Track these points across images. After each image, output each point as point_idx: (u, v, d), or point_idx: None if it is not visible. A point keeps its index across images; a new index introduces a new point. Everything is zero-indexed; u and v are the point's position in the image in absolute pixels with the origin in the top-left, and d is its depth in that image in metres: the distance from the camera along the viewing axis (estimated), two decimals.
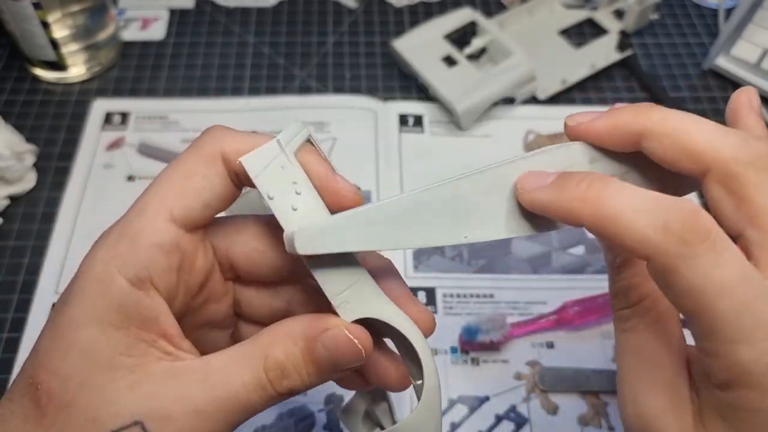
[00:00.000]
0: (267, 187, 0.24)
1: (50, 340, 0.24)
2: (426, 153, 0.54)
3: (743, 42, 0.58)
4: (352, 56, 0.60)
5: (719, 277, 0.20)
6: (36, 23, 0.52)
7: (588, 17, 0.62)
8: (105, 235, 0.25)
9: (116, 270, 0.24)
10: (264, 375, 0.24)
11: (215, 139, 0.26)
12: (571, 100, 0.58)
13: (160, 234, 0.24)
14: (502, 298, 0.46)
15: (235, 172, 0.25)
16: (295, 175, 0.24)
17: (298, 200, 0.24)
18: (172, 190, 0.25)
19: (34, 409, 0.23)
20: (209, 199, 0.25)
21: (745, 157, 0.22)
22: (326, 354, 0.24)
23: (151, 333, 0.24)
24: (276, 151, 0.24)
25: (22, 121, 0.55)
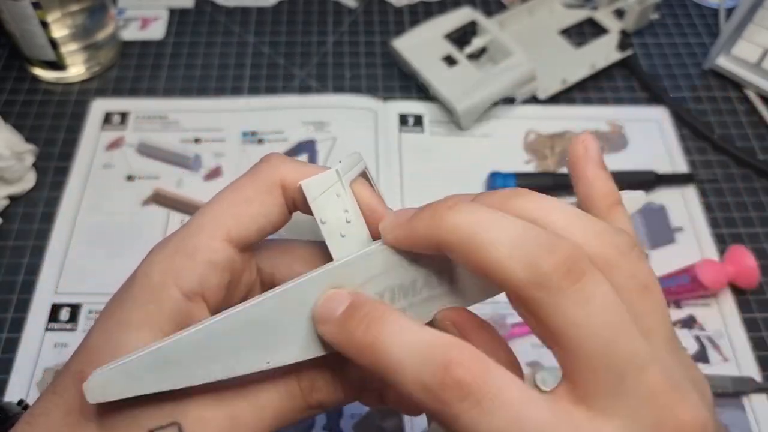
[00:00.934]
0: (321, 212, 0.25)
1: (101, 340, 0.25)
2: (426, 153, 0.54)
3: (744, 42, 0.57)
4: (352, 56, 0.60)
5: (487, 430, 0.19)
6: (35, 23, 0.52)
7: (588, 17, 0.62)
8: (162, 246, 0.26)
9: (172, 282, 0.25)
10: (297, 385, 0.25)
11: (275, 168, 0.27)
12: (571, 100, 0.57)
13: (216, 253, 0.25)
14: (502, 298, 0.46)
15: (292, 198, 0.27)
16: (347, 204, 0.25)
17: (347, 228, 0.25)
18: (230, 212, 0.26)
19: (79, 402, 0.24)
20: (264, 224, 0.26)
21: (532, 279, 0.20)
22: (357, 372, 0.25)
23: None
24: (333, 179, 0.25)
25: (21, 121, 0.54)
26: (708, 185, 0.53)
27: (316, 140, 0.54)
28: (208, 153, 0.53)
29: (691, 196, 0.52)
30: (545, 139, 0.55)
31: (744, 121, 0.57)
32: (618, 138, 0.55)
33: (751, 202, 0.52)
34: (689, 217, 0.51)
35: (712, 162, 0.54)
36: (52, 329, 0.44)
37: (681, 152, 0.55)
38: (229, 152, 0.54)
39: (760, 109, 0.57)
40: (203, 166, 0.53)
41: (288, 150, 0.54)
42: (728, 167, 0.54)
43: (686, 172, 0.53)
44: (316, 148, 0.54)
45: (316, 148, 0.54)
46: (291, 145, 0.54)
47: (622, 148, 0.55)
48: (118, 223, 0.49)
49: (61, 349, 0.43)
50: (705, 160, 0.54)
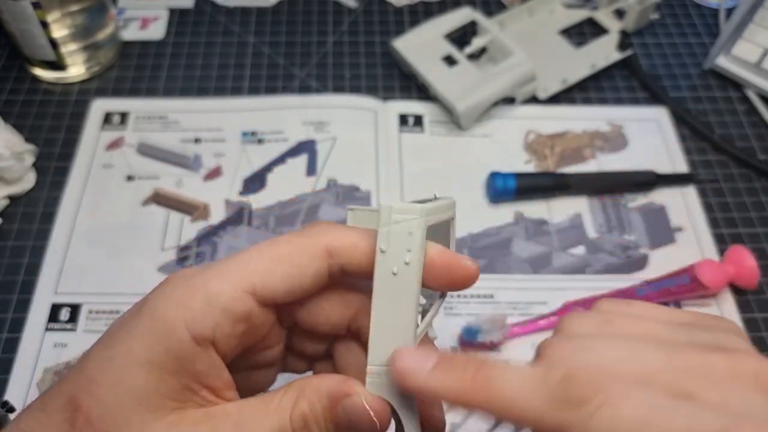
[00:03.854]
0: (385, 240, 0.24)
1: (101, 368, 0.24)
2: (426, 153, 0.54)
3: (744, 42, 0.57)
4: (352, 56, 0.60)
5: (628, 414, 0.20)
6: (35, 23, 0.52)
7: (588, 17, 0.62)
8: (180, 281, 0.25)
9: (184, 323, 0.24)
10: (289, 424, 0.24)
11: (322, 232, 0.26)
12: (571, 100, 0.57)
13: (236, 303, 0.25)
14: (503, 298, 0.46)
15: (339, 265, 0.26)
16: (413, 246, 0.24)
17: (401, 269, 0.24)
18: (261, 265, 0.25)
19: (68, 428, 0.23)
20: (295, 287, 0.26)
21: None
22: (345, 417, 0.25)
23: (198, 384, 0.25)
24: (414, 215, 0.24)
25: (21, 121, 0.54)
26: (708, 185, 0.53)
27: (316, 140, 0.54)
28: (208, 153, 0.53)
29: (691, 196, 0.52)
30: (545, 139, 0.55)
31: (744, 121, 0.57)
32: (618, 138, 0.55)
33: (751, 202, 0.52)
34: (689, 217, 0.51)
35: (712, 162, 0.54)
36: (52, 329, 0.44)
37: (681, 152, 0.55)
38: (229, 152, 0.54)
39: (760, 109, 0.57)
40: (203, 166, 0.53)
41: (288, 150, 0.54)
42: (728, 167, 0.54)
43: (686, 172, 0.53)
44: (316, 148, 0.54)
45: (316, 148, 0.54)
46: (291, 145, 0.54)
47: (622, 148, 0.55)
48: (118, 223, 0.49)
49: (61, 349, 0.43)
50: (705, 160, 0.54)
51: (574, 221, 0.51)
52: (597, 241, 0.50)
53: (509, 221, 0.50)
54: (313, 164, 0.53)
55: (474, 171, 0.53)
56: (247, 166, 0.53)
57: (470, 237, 0.49)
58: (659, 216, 0.51)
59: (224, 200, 0.51)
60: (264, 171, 0.53)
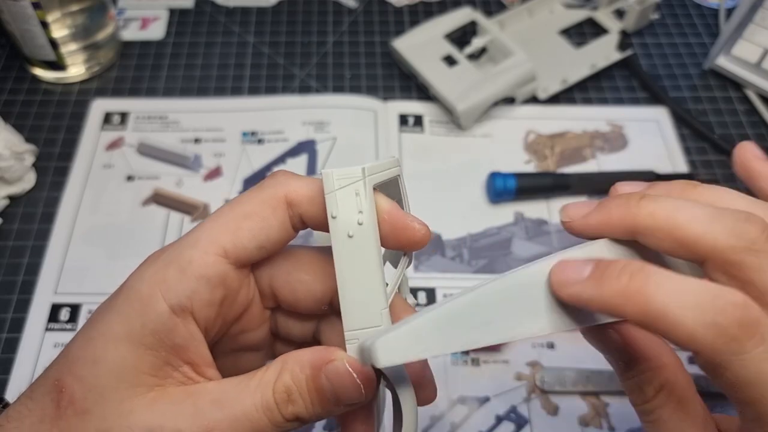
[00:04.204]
0: (334, 206, 0.24)
1: (82, 348, 0.25)
2: (426, 153, 0.54)
3: (744, 42, 0.57)
4: (352, 56, 0.60)
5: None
6: (35, 23, 0.52)
7: (588, 17, 0.62)
8: (155, 257, 0.26)
9: (160, 294, 0.24)
10: (272, 397, 0.24)
11: (280, 184, 0.26)
12: (571, 100, 0.57)
13: (209, 267, 0.25)
14: None
15: (299, 215, 0.26)
16: (363, 206, 0.24)
17: (356, 229, 0.24)
18: (228, 226, 0.25)
19: (54, 409, 0.24)
20: (264, 241, 0.26)
21: (739, 244, 0.22)
22: (328, 384, 0.24)
23: (178, 359, 0.25)
24: (357, 176, 0.24)
25: (21, 121, 0.54)
26: None
27: (316, 140, 0.54)
28: (208, 153, 0.53)
29: None
30: (545, 139, 0.55)
31: (744, 121, 0.57)
32: (618, 138, 0.55)
33: None
34: None
35: (712, 162, 0.54)
36: (52, 329, 0.44)
37: (681, 152, 0.55)
38: (229, 152, 0.54)
39: (760, 109, 0.57)
40: (203, 166, 0.53)
41: (288, 150, 0.54)
42: (728, 167, 0.54)
43: (686, 172, 0.53)
44: (316, 148, 0.54)
45: (316, 148, 0.54)
46: (291, 145, 0.54)
47: (622, 148, 0.55)
48: (118, 223, 0.49)
49: (60, 349, 0.43)
50: (705, 160, 0.54)
51: None
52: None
53: (509, 221, 0.50)
54: (313, 164, 0.53)
55: (474, 171, 0.53)
56: (247, 166, 0.53)
57: (470, 237, 0.49)
58: None
59: (224, 200, 0.51)
60: (264, 171, 0.53)
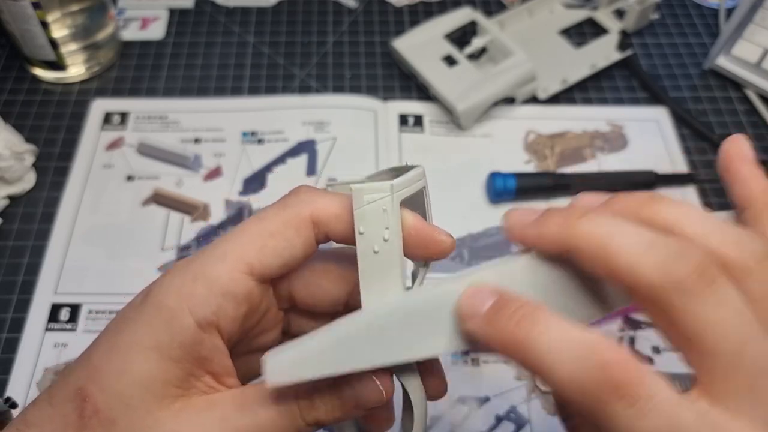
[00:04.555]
0: (362, 222, 0.25)
1: (107, 357, 0.25)
2: (426, 153, 0.54)
3: (744, 42, 0.57)
4: (352, 56, 0.60)
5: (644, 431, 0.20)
6: (35, 23, 0.52)
7: (588, 17, 0.62)
8: (181, 269, 0.26)
9: (187, 309, 0.25)
10: (296, 405, 0.25)
11: (305, 203, 0.27)
12: (571, 100, 0.57)
13: (236, 284, 0.25)
14: None
15: (324, 233, 0.26)
16: (390, 222, 0.25)
17: (382, 245, 0.25)
18: (254, 244, 0.26)
19: (77, 419, 0.24)
20: (288, 259, 0.26)
21: (666, 283, 0.21)
22: (350, 391, 0.25)
23: (201, 370, 0.25)
24: (385, 193, 0.25)
25: (21, 121, 0.54)
26: (708, 185, 0.53)
27: (316, 140, 0.54)
28: (208, 153, 0.53)
29: (691, 196, 0.52)
30: (545, 139, 0.55)
31: (744, 121, 0.57)
32: (618, 138, 0.55)
33: None
34: None
35: (712, 162, 0.54)
36: (52, 329, 0.44)
37: (681, 152, 0.55)
38: (229, 152, 0.54)
39: (760, 109, 0.57)
40: (203, 166, 0.53)
41: (288, 150, 0.54)
42: None
43: (686, 172, 0.53)
44: (316, 148, 0.54)
45: (316, 148, 0.54)
46: (291, 145, 0.54)
47: (622, 148, 0.55)
48: (118, 223, 0.49)
49: (61, 349, 0.43)
50: (705, 160, 0.54)
51: None
52: None
53: None
54: (313, 164, 0.53)
55: (474, 171, 0.53)
56: (247, 166, 0.53)
57: (470, 237, 0.49)
58: None
59: (224, 200, 0.51)
60: (264, 171, 0.53)
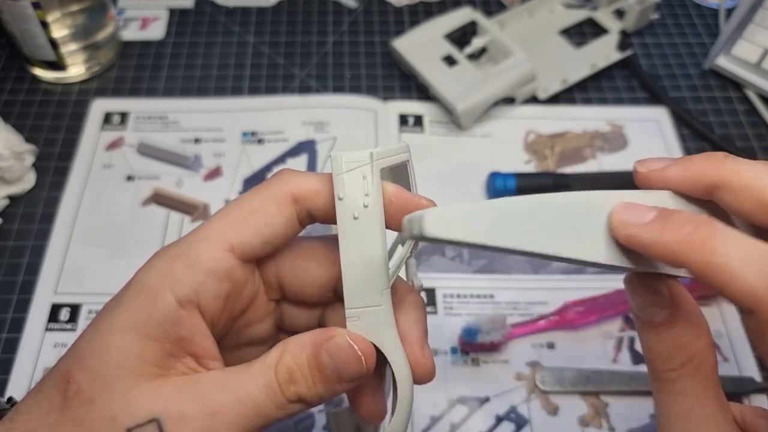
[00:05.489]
0: (341, 188, 0.25)
1: (89, 340, 0.25)
2: (426, 153, 0.54)
3: (744, 42, 0.57)
4: (352, 56, 0.60)
5: None
6: (35, 23, 0.52)
7: (588, 17, 0.62)
8: (164, 252, 0.26)
9: (168, 287, 0.25)
10: (275, 379, 0.25)
11: (285, 181, 0.27)
12: (571, 100, 0.57)
13: (216, 262, 0.25)
14: (503, 298, 0.46)
15: (306, 210, 0.26)
16: (370, 189, 0.25)
17: (361, 211, 0.25)
18: (234, 223, 0.26)
19: (60, 401, 0.24)
20: (269, 236, 0.26)
21: None
22: (330, 361, 0.25)
23: (182, 350, 0.25)
24: (365, 160, 0.25)
25: (21, 121, 0.54)
26: None
27: (316, 140, 0.54)
28: (208, 153, 0.53)
29: None
30: (545, 139, 0.55)
31: (744, 121, 0.57)
32: (618, 138, 0.55)
33: None
34: None
35: None
36: (52, 329, 0.44)
37: (681, 152, 0.55)
38: (229, 152, 0.54)
39: (760, 109, 0.57)
40: (203, 166, 0.53)
41: (288, 150, 0.54)
42: None
43: None
44: (316, 148, 0.54)
45: (316, 148, 0.54)
46: (291, 145, 0.54)
47: (622, 148, 0.55)
48: (118, 223, 0.49)
49: (61, 350, 0.43)
50: None
51: None
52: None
53: None
54: (313, 164, 0.53)
55: (474, 171, 0.53)
56: (247, 166, 0.53)
57: None
58: None
59: (224, 200, 0.51)
60: (264, 171, 0.53)
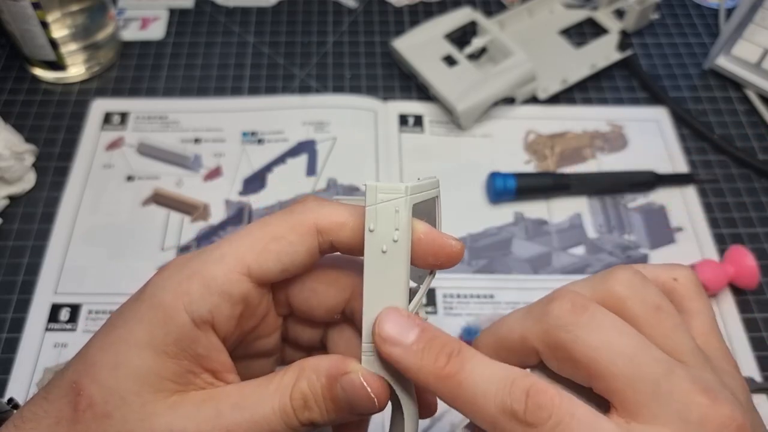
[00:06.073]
0: (372, 219, 0.25)
1: (102, 352, 0.25)
2: (426, 153, 0.54)
3: (744, 42, 0.57)
4: (352, 56, 0.60)
5: None
6: (35, 23, 0.52)
7: (588, 17, 0.62)
8: (178, 267, 0.26)
9: (183, 306, 0.25)
10: (289, 404, 0.25)
11: (311, 210, 0.26)
12: (571, 100, 0.57)
13: (232, 285, 0.25)
14: (503, 298, 0.46)
15: (329, 242, 0.26)
16: (401, 223, 0.25)
17: (390, 246, 0.25)
18: (255, 247, 0.26)
19: (71, 412, 0.24)
20: (288, 265, 0.26)
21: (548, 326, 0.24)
22: (343, 395, 0.25)
23: (199, 367, 0.25)
24: (400, 193, 0.25)
25: (21, 121, 0.54)
26: (708, 185, 0.53)
27: (316, 140, 0.54)
28: (208, 153, 0.53)
29: (691, 196, 0.52)
30: (545, 139, 0.55)
31: (744, 121, 0.57)
32: (618, 138, 0.55)
33: (751, 202, 0.52)
34: (689, 217, 0.51)
35: (712, 162, 0.54)
36: (52, 329, 0.44)
37: (681, 152, 0.55)
38: (229, 152, 0.54)
39: (760, 109, 0.57)
40: (203, 166, 0.53)
41: (288, 150, 0.54)
42: (728, 167, 0.54)
43: (686, 172, 0.53)
44: (316, 148, 0.54)
45: (316, 148, 0.54)
46: (291, 145, 0.54)
47: (622, 148, 0.55)
48: (118, 223, 0.49)
49: (61, 349, 0.43)
50: (705, 160, 0.54)
51: (574, 221, 0.51)
52: (597, 242, 0.50)
53: (509, 221, 0.50)
54: (313, 164, 0.53)
55: (474, 171, 0.53)
56: (247, 166, 0.53)
57: (470, 237, 0.49)
58: (659, 216, 0.51)
59: (224, 200, 0.51)
60: (264, 171, 0.53)
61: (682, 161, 0.54)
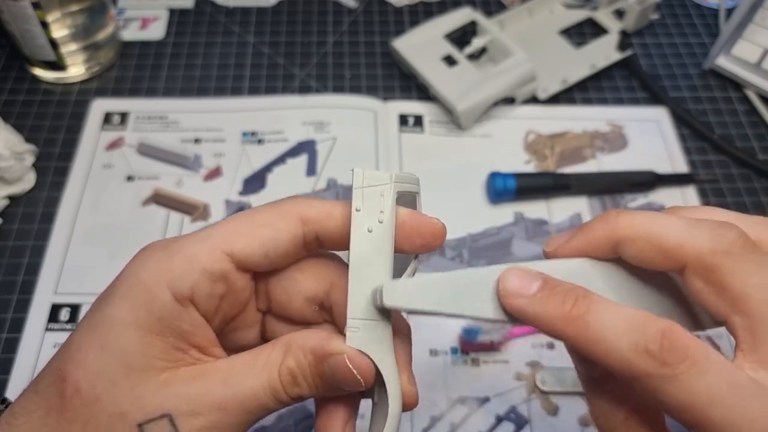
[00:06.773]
0: (359, 200, 0.26)
1: (87, 336, 0.25)
2: (426, 153, 0.54)
3: (744, 42, 0.57)
4: (352, 56, 0.60)
5: (705, 389, 0.21)
6: (35, 23, 0.52)
7: (588, 17, 0.62)
8: (158, 247, 0.26)
9: (165, 283, 0.25)
10: (278, 379, 0.25)
11: (296, 203, 0.27)
12: (571, 100, 0.57)
13: (213, 263, 0.26)
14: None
15: (314, 233, 0.27)
16: (385, 206, 0.26)
17: (375, 226, 0.26)
18: (239, 230, 0.26)
19: (58, 400, 0.24)
20: (271, 250, 0.26)
21: (716, 247, 0.23)
22: (330, 372, 0.25)
23: (185, 343, 0.25)
24: (385, 180, 0.26)
25: (21, 121, 0.54)
26: (708, 185, 0.53)
27: (316, 140, 0.54)
28: (208, 153, 0.53)
29: (691, 196, 0.52)
30: (545, 139, 0.55)
31: (744, 121, 0.57)
32: (618, 138, 0.55)
33: (750, 202, 0.52)
34: None
35: (712, 162, 0.54)
36: (52, 329, 0.44)
37: (681, 152, 0.55)
38: (229, 152, 0.54)
39: (760, 109, 0.57)
40: (203, 166, 0.53)
41: (288, 150, 0.54)
42: (728, 167, 0.54)
43: (686, 172, 0.53)
44: (316, 148, 0.54)
45: (316, 148, 0.54)
46: (291, 145, 0.54)
47: (622, 148, 0.55)
48: (118, 223, 0.49)
49: None
50: (705, 160, 0.54)
51: (574, 221, 0.51)
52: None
53: (509, 221, 0.50)
54: (313, 164, 0.53)
55: (474, 171, 0.53)
56: (247, 166, 0.53)
57: (470, 237, 0.49)
58: None
59: (224, 200, 0.51)
60: (264, 171, 0.53)
61: (682, 161, 0.54)
